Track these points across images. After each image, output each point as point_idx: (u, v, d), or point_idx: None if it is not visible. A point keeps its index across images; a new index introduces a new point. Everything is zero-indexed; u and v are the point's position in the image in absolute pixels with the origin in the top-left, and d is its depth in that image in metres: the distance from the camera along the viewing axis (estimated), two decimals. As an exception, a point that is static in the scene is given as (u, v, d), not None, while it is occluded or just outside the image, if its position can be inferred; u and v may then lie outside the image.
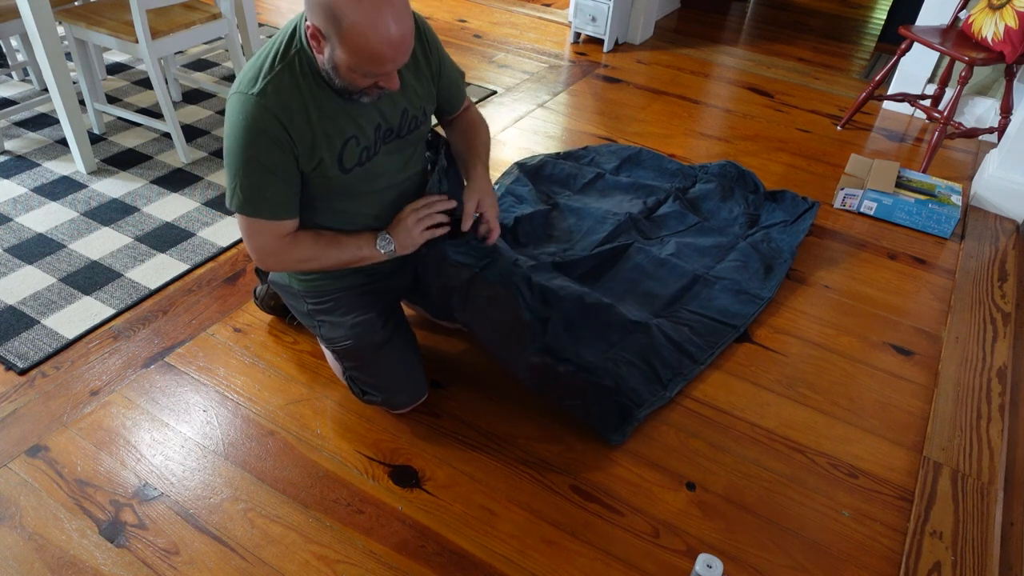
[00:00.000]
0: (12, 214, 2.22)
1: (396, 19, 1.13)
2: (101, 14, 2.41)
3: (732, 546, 1.41)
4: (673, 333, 1.85)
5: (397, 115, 1.40)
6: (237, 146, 1.25)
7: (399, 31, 1.14)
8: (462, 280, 1.50)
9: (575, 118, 3.02)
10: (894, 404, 1.75)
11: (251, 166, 1.26)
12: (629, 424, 1.62)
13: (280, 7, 4.08)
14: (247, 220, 1.32)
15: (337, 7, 1.11)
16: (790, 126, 3.05)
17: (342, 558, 1.35)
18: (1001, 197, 2.51)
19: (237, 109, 1.24)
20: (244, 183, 1.27)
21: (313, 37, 1.18)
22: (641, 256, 2.10)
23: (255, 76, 1.23)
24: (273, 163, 1.26)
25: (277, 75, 1.23)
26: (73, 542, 1.35)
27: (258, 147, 1.24)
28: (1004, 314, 2.05)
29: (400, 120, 1.40)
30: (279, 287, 1.61)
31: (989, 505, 1.51)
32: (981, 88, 3.05)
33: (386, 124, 1.38)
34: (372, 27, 1.12)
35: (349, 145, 1.33)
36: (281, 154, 1.26)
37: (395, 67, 1.20)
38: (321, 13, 1.13)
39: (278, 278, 1.59)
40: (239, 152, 1.25)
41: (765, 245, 2.20)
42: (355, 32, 1.12)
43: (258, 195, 1.29)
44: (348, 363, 1.59)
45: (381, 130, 1.38)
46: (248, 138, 1.24)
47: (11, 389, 1.66)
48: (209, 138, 2.70)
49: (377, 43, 1.13)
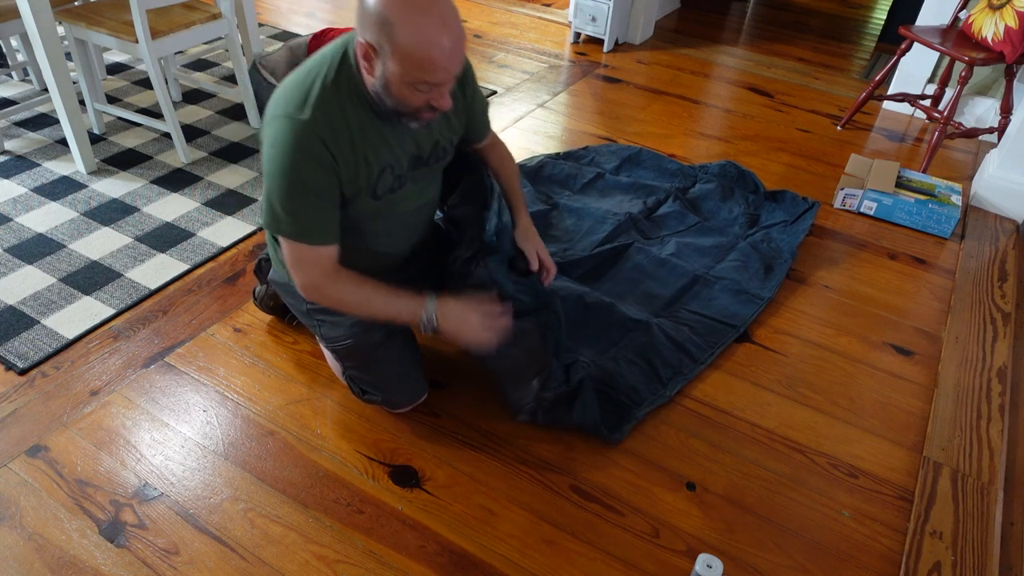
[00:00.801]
0: (12, 214, 2.22)
1: (448, 28, 1.14)
2: (101, 14, 2.41)
3: (732, 546, 1.41)
4: (673, 332, 1.85)
5: (430, 145, 1.41)
6: (283, 170, 1.23)
7: (452, 39, 1.15)
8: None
9: (575, 118, 3.02)
10: (894, 404, 1.75)
11: (297, 190, 1.24)
12: (628, 423, 1.62)
13: (280, 7, 4.08)
14: (293, 245, 1.29)
15: (390, 18, 1.11)
16: (790, 126, 3.05)
17: (342, 558, 1.35)
18: (1001, 197, 2.51)
19: (283, 132, 1.21)
20: (290, 207, 1.25)
21: (365, 56, 1.17)
22: (641, 256, 2.10)
23: (302, 100, 1.21)
24: (319, 187, 1.25)
25: (325, 100, 1.22)
26: (73, 542, 1.35)
27: (305, 171, 1.23)
28: (1004, 314, 2.05)
29: (431, 150, 1.42)
30: (279, 286, 1.61)
31: (989, 505, 1.51)
32: (981, 88, 3.05)
33: (417, 152, 1.39)
34: (426, 35, 1.12)
35: (384, 173, 1.33)
36: (327, 178, 1.25)
37: (448, 77, 1.19)
38: (373, 27, 1.13)
39: (278, 277, 1.59)
40: (285, 176, 1.23)
41: (765, 245, 2.20)
42: (409, 41, 1.12)
43: (304, 219, 1.26)
44: (348, 363, 1.58)
45: (416, 160, 1.40)
46: (295, 162, 1.22)
47: (11, 389, 1.66)
48: (209, 138, 2.70)
49: (431, 50, 1.13)
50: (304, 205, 1.25)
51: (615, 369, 1.72)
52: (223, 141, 2.69)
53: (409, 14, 1.11)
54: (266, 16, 3.92)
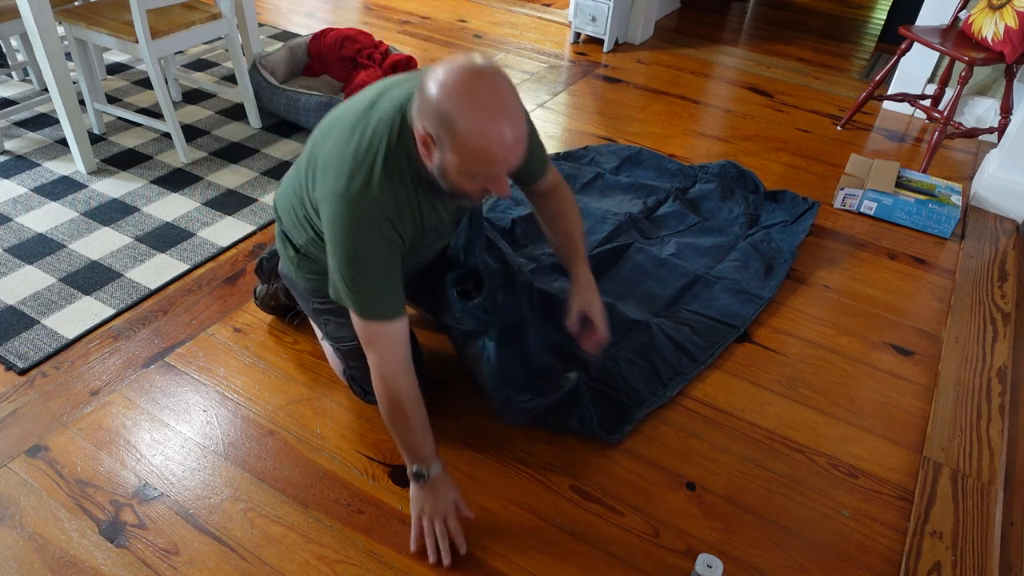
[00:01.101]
0: (12, 214, 2.22)
1: (511, 124, 1.10)
2: (101, 14, 2.41)
3: (732, 546, 1.41)
4: (673, 332, 1.85)
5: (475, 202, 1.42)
6: (352, 250, 1.21)
7: (513, 135, 1.11)
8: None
9: (575, 118, 3.02)
10: (894, 404, 1.75)
11: (367, 269, 1.23)
12: (628, 424, 1.62)
13: (280, 7, 4.08)
14: (364, 324, 1.28)
15: (450, 113, 1.08)
16: (790, 126, 3.05)
17: (342, 558, 1.35)
18: (1001, 197, 2.51)
19: (350, 212, 1.20)
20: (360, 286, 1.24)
21: (424, 144, 1.15)
22: (641, 256, 2.10)
23: (366, 178, 1.19)
24: (387, 264, 1.24)
25: (389, 178, 1.19)
26: (73, 542, 1.35)
27: (374, 250, 1.22)
28: (1004, 314, 2.05)
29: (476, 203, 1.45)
30: (288, 281, 1.61)
31: (989, 505, 1.51)
32: (981, 88, 3.05)
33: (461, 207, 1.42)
34: (486, 132, 1.09)
35: (429, 233, 1.34)
36: (394, 253, 1.24)
37: (507, 170, 1.17)
38: (432, 118, 1.10)
39: (287, 272, 1.58)
40: (354, 256, 1.22)
41: (765, 245, 2.20)
42: (469, 137, 1.09)
43: (375, 296, 1.25)
44: (351, 362, 1.58)
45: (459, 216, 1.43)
46: (364, 242, 1.21)
47: (11, 389, 1.66)
48: (209, 138, 2.70)
49: (491, 147, 1.10)
50: (374, 282, 1.24)
51: (615, 369, 1.72)
52: (223, 141, 2.69)
53: (470, 110, 1.07)
54: (266, 16, 3.92)
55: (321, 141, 1.29)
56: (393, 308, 1.27)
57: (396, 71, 2.90)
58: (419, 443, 1.35)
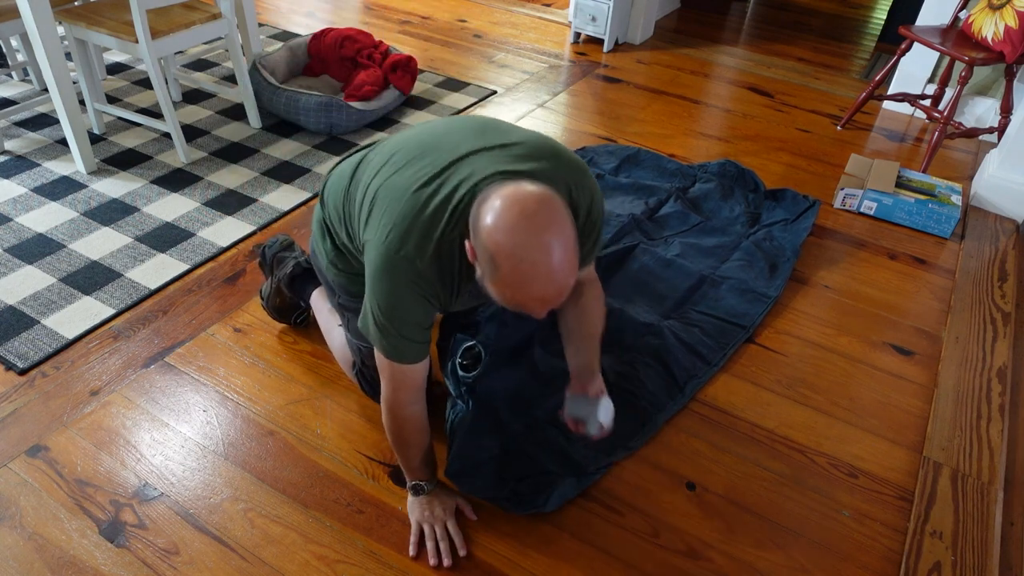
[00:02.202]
0: (12, 214, 2.22)
1: (553, 282, 1.05)
2: (101, 14, 2.41)
3: (732, 546, 1.41)
4: (684, 335, 1.85)
5: None
6: (391, 303, 1.21)
7: (555, 290, 1.06)
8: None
9: (575, 118, 3.02)
10: (894, 404, 1.75)
11: (401, 319, 1.23)
12: (652, 428, 1.62)
13: (280, 7, 4.08)
14: (387, 363, 1.28)
15: (495, 255, 1.03)
16: (790, 126, 3.05)
17: (342, 558, 1.35)
18: (1001, 197, 2.51)
19: (394, 272, 1.19)
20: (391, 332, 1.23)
21: (471, 254, 1.12)
22: (647, 257, 2.10)
23: (422, 246, 1.17)
24: (421, 319, 1.24)
25: (442, 253, 1.18)
26: (73, 542, 1.35)
27: (412, 307, 1.22)
28: (1004, 314, 2.05)
29: None
30: (317, 270, 1.59)
31: (989, 505, 1.51)
32: (981, 88, 3.05)
33: None
34: (527, 286, 1.05)
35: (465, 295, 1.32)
36: (429, 312, 1.25)
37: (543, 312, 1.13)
38: (480, 247, 1.07)
39: (319, 263, 1.56)
40: (393, 308, 1.21)
41: (768, 244, 2.20)
42: (508, 283, 1.05)
43: (402, 344, 1.25)
44: (369, 362, 1.57)
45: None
46: (404, 299, 1.21)
47: (11, 389, 1.66)
48: (209, 138, 2.70)
49: (528, 300, 1.07)
50: (405, 330, 1.24)
51: (634, 374, 1.71)
52: (223, 141, 2.69)
53: (516, 266, 1.02)
54: (266, 16, 3.92)
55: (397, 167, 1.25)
56: (418, 355, 1.28)
57: (396, 71, 2.90)
58: (420, 468, 1.38)
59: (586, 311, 1.45)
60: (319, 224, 1.51)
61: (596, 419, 1.40)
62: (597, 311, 1.47)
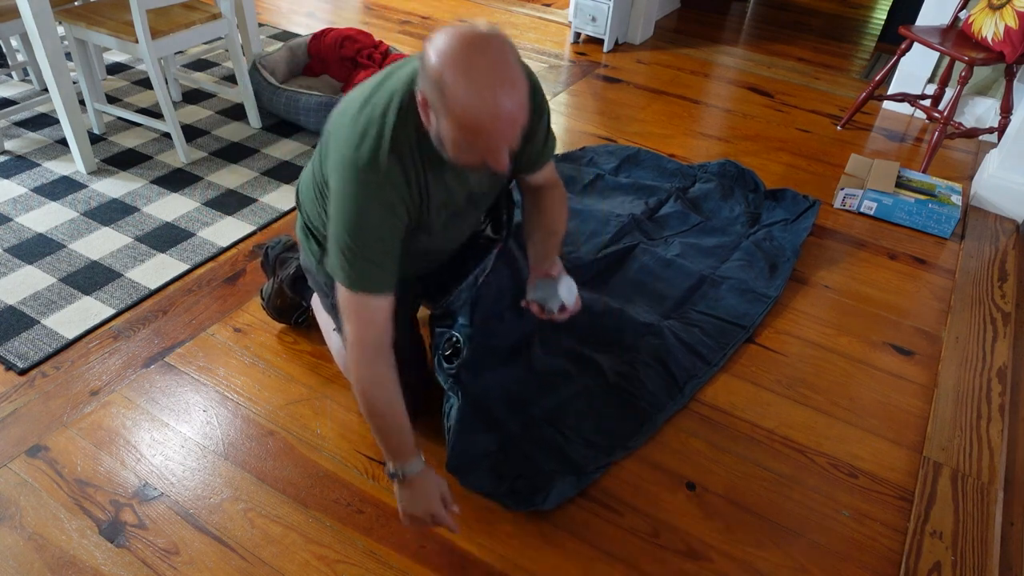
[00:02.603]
0: (12, 214, 2.22)
1: (509, 96, 1.05)
2: (101, 14, 2.41)
3: (732, 546, 1.41)
4: (684, 335, 1.85)
5: (488, 180, 1.39)
6: (352, 218, 1.20)
7: (510, 109, 1.06)
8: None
9: (575, 118, 3.02)
10: (894, 404, 1.75)
11: (364, 238, 1.21)
12: (651, 429, 1.62)
13: (280, 7, 4.08)
14: (350, 296, 1.24)
15: (445, 79, 1.03)
16: (790, 126, 3.05)
17: (342, 558, 1.35)
18: (1001, 197, 2.51)
19: (357, 178, 1.18)
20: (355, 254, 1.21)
21: (423, 106, 1.13)
22: (647, 257, 2.10)
23: (374, 146, 1.17)
24: (388, 235, 1.22)
25: (398, 146, 1.18)
26: (73, 542, 1.35)
27: (375, 218, 1.20)
28: (1004, 314, 2.05)
29: (488, 184, 1.40)
30: (309, 275, 1.58)
31: (989, 505, 1.51)
32: (981, 88, 3.05)
33: (479, 190, 1.39)
34: (480, 103, 1.04)
35: (440, 211, 1.31)
36: (395, 226, 1.22)
37: (503, 145, 1.12)
38: (430, 84, 1.06)
39: (309, 265, 1.56)
40: (359, 224, 1.20)
41: (768, 244, 2.20)
42: (461, 105, 1.04)
43: (366, 269, 1.22)
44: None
45: (473, 197, 1.39)
46: (366, 210, 1.19)
47: (11, 389, 1.66)
48: (209, 138, 2.70)
49: (485, 120, 1.05)
50: (369, 251, 1.21)
51: (633, 374, 1.71)
52: (223, 141, 2.69)
53: (464, 77, 1.03)
54: (266, 16, 3.92)
55: (335, 120, 1.27)
56: (382, 283, 1.24)
57: (396, 71, 2.90)
58: (392, 436, 1.28)
59: (546, 210, 1.51)
60: (302, 230, 1.52)
61: (557, 297, 1.38)
62: (558, 210, 1.52)
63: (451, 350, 1.51)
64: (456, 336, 1.49)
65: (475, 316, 1.51)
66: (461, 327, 1.50)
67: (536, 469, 1.50)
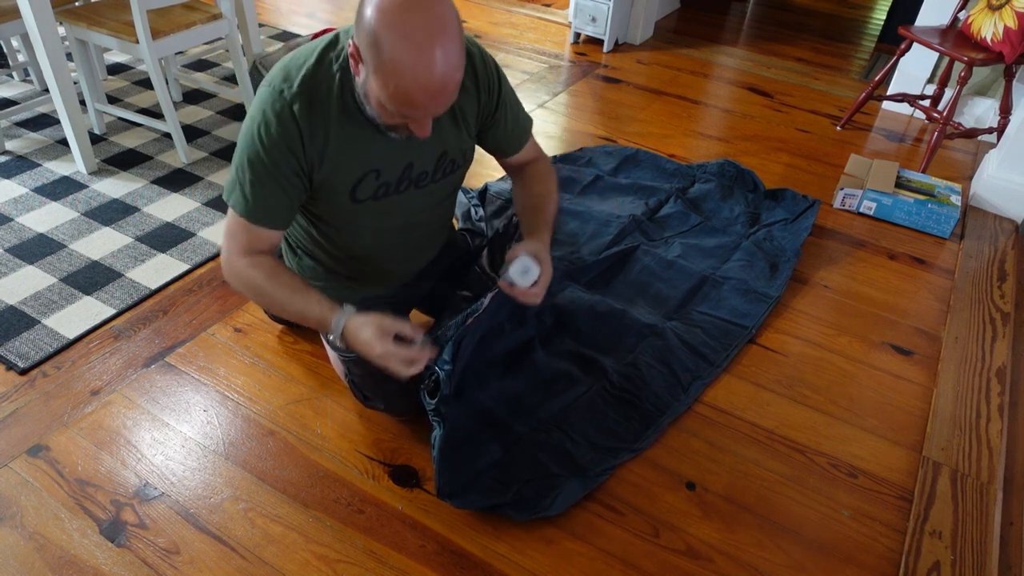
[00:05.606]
0: (13, 214, 2.22)
1: (442, 63, 1.02)
2: (102, 14, 2.41)
3: (732, 546, 1.41)
4: (687, 336, 1.85)
5: (433, 159, 1.34)
6: (251, 141, 1.19)
7: (441, 78, 1.04)
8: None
9: (575, 118, 3.02)
10: (894, 404, 1.75)
11: (259, 165, 1.20)
12: (655, 431, 1.62)
13: (280, 7, 4.08)
14: (235, 219, 1.25)
15: (380, 34, 1.00)
16: (790, 126, 3.05)
17: (342, 558, 1.35)
18: (1000, 197, 2.51)
19: (263, 103, 1.18)
20: (247, 179, 1.21)
21: (352, 56, 1.10)
22: (648, 258, 2.10)
23: (291, 76, 1.17)
24: (280, 168, 1.21)
25: (315, 80, 1.17)
26: (74, 542, 1.35)
27: (272, 147, 1.18)
28: (1003, 314, 2.05)
29: (436, 164, 1.35)
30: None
31: (988, 505, 1.51)
32: (980, 88, 3.05)
33: (420, 167, 1.33)
34: (411, 67, 1.01)
35: (368, 178, 1.28)
36: (290, 160, 1.20)
37: (428, 115, 1.11)
38: (363, 36, 1.04)
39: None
40: (252, 147, 1.19)
41: (768, 244, 2.21)
42: (392, 67, 1.02)
43: (256, 196, 1.22)
44: (355, 370, 1.57)
45: (413, 171, 1.33)
46: (266, 135, 1.18)
47: (12, 389, 1.66)
48: (209, 138, 2.70)
49: (412, 86, 1.03)
50: (260, 182, 1.20)
51: (637, 376, 1.71)
52: (223, 141, 2.69)
53: (399, 40, 1.00)
54: (266, 16, 3.92)
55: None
56: (266, 215, 1.23)
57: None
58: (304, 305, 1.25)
59: (529, 185, 1.51)
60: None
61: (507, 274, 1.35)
62: (543, 184, 1.51)
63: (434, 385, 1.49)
64: (437, 373, 1.43)
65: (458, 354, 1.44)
66: (443, 363, 1.43)
67: (543, 472, 1.49)
